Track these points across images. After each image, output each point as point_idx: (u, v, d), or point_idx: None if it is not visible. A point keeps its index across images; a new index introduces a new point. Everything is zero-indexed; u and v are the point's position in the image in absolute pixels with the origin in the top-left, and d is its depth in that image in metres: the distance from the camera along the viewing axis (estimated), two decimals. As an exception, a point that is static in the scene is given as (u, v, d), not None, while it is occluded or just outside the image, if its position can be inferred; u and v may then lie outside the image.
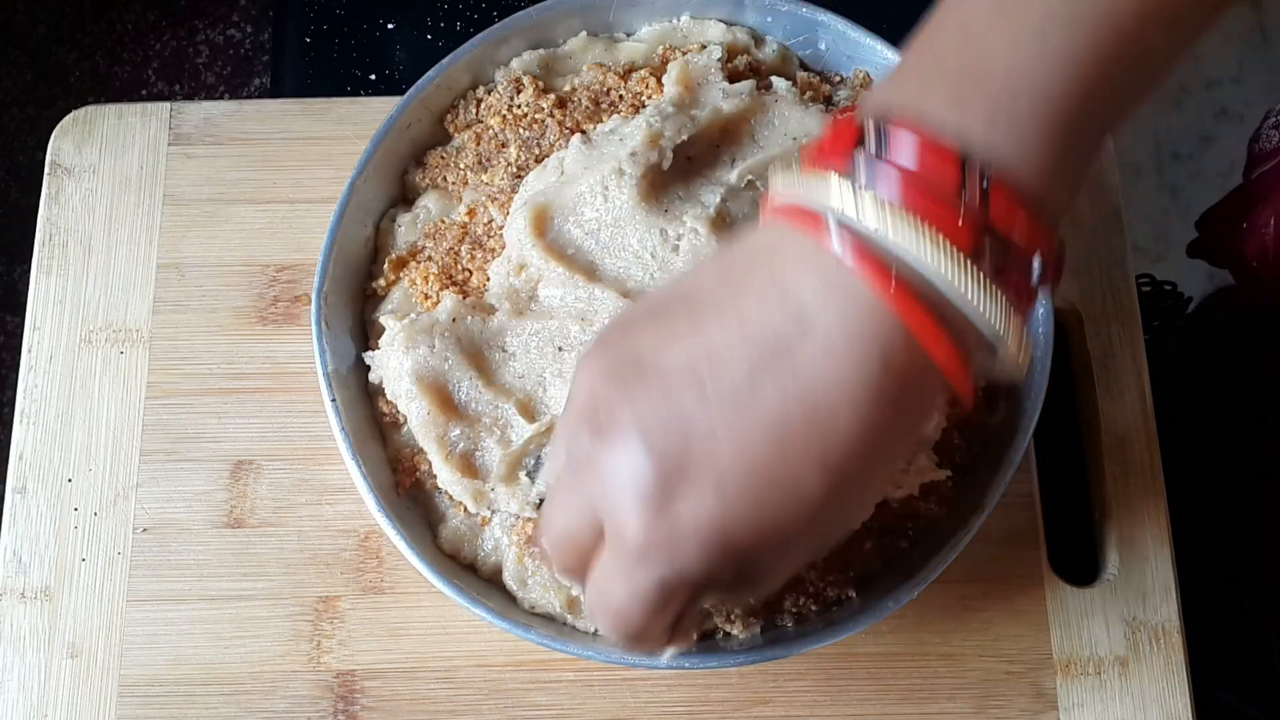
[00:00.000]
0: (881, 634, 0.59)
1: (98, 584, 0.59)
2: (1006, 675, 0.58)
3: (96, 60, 1.42)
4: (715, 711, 0.58)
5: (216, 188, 0.65)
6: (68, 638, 0.58)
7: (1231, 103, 1.51)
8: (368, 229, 0.58)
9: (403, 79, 0.82)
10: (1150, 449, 0.61)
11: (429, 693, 0.58)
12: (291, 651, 0.58)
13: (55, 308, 0.63)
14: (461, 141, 0.58)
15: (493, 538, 0.53)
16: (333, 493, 0.60)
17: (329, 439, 0.53)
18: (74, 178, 0.65)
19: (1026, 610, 0.59)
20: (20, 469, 0.61)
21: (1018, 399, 0.54)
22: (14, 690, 0.57)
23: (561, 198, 0.53)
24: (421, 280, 0.55)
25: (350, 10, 0.84)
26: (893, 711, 0.58)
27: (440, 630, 0.58)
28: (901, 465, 0.48)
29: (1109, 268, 0.64)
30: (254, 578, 0.59)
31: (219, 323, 0.63)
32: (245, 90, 1.42)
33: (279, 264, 0.64)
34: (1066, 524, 0.61)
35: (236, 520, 0.60)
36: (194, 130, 0.66)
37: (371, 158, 0.56)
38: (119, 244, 0.64)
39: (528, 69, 0.59)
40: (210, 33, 1.43)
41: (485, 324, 0.53)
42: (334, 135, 0.66)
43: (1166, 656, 0.59)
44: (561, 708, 0.58)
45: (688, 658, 0.51)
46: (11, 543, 0.59)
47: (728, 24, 0.60)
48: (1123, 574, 0.60)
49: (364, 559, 0.59)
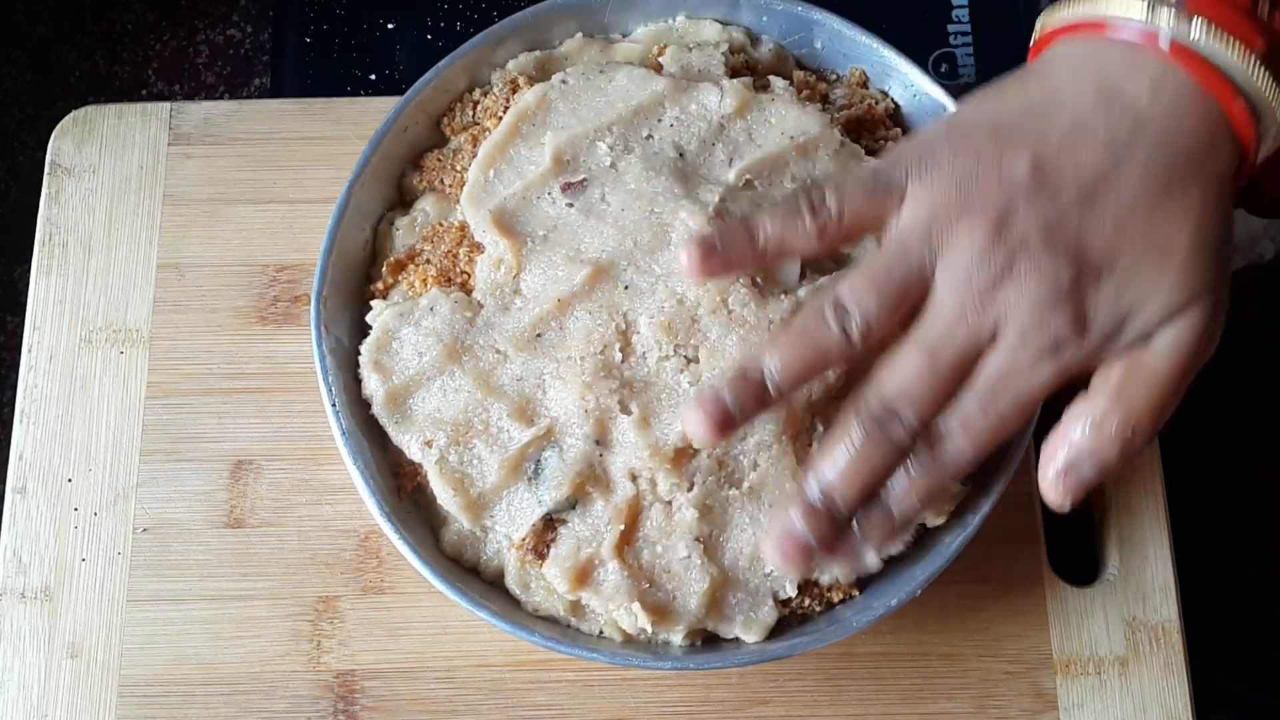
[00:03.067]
0: (881, 634, 0.59)
1: (98, 584, 0.59)
2: (1006, 675, 0.58)
3: (96, 60, 1.42)
4: (715, 711, 0.58)
5: (216, 188, 0.65)
6: (68, 638, 0.58)
7: (1232, 102, 1.51)
8: (365, 232, 0.58)
9: (402, 79, 0.82)
10: (1150, 449, 0.61)
11: (429, 693, 0.58)
12: (291, 651, 0.58)
13: (55, 308, 0.63)
14: (458, 144, 0.58)
15: (495, 541, 0.53)
16: (333, 493, 0.60)
17: (329, 439, 0.53)
18: (74, 178, 0.65)
19: (1026, 610, 0.59)
20: (20, 469, 0.61)
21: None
22: (14, 690, 0.57)
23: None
24: (420, 283, 0.55)
25: (350, 10, 0.84)
26: (893, 711, 0.58)
27: (440, 630, 0.58)
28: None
29: (1109, 267, 0.64)
30: (254, 578, 0.59)
31: (219, 323, 0.63)
32: (245, 90, 1.42)
33: (279, 264, 0.64)
34: (1066, 524, 0.61)
35: (236, 520, 0.60)
36: (194, 130, 0.66)
37: (369, 161, 0.56)
38: (119, 244, 0.64)
39: (524, 70, 0.59)
40: (210, 33, 1.43)
41: (473, 322, 0.53)
42: (334, 135, 0.66)
43: (1166, 656, 0.59)
44: (561, 708, 0.58)
45: (689, 658, 0.51)
46: (11, 543, 0.60)
47: (723, 23, 0.60)
48: (1123, 574, 0.60)
49: (364, 559, 0.59)
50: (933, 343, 0.44)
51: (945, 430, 0.44)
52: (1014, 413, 0.44)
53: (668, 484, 0.50)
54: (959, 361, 0.44)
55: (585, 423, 0.51)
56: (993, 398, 0.44)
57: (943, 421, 0.44)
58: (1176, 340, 0.44)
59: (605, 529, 0.51)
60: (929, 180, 0.44)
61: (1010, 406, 0.44)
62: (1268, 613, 0.79)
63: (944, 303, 0.44)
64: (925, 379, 0.44)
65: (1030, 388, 0.44)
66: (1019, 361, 0.43)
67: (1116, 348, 0.44)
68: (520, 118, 0.56)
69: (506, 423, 0.52)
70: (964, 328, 0.43)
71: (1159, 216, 0.43)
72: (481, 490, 0.52)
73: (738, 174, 0.55)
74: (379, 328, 0.54)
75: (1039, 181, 0.43)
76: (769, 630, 0.52)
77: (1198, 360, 0.45)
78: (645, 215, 0.53)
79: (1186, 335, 0.44)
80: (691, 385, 0.51)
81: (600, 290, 0.52)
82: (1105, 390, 0.44)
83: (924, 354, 0.44)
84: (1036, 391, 0.44)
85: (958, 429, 0.44)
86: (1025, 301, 0.43)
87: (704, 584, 0.51)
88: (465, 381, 0.53)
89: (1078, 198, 0.43)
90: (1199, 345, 0.44)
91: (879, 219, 0.45)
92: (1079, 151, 0.44)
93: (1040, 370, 0.43)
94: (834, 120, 0.57)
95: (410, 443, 0.53)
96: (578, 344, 0.52)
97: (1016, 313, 0.43)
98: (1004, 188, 0.43)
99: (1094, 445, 0.44)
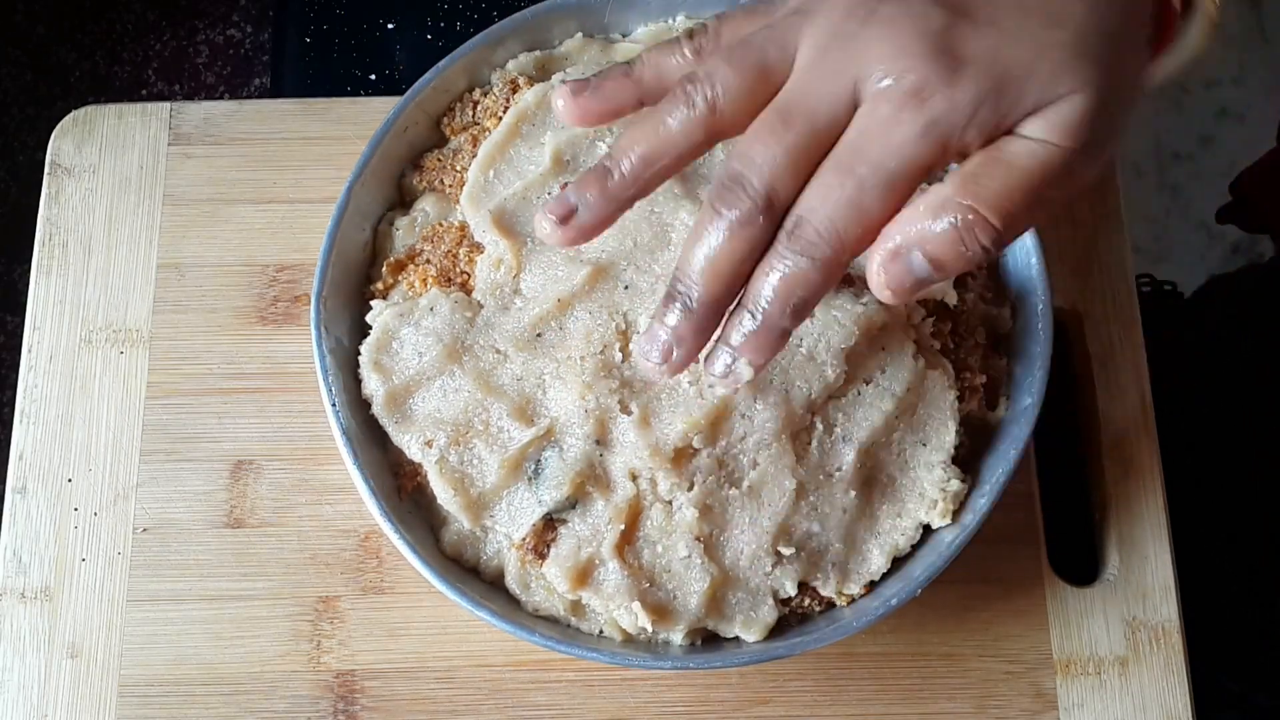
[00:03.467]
0: (881, 634, 0.59)
1: (98, 584, 0.59)
2: (1006, 675, 0.58)
3: (96, 60, 1.42)
4: (715, 711, 0.58)
5: (216, 188, 0.65)
6: (68, 638, 0.58)
7: (1231, 103, 1.51)
8: (365, 233, 0.58)
9: (402, 79, 0.82)
10: (1150, 449, 0.61)
11: (429, 693, 0.58)
12: (291, 651, 0.58)
13: (55, 308, 0.63)
14: (458, 144, 0.58)
15: (495, 541, 0.53)
16: (333, 493, 0.60)
17: (329, 439, 0.53)
18: (74, 178, 0.65)
19: (1026, 610, 0.59)
20: (20, 469, 0.61)
21: (1017, 398, 0.55)
22: (14, 690, 0.57)
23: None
24: (420, 283, 0.55)
25: (350, 10, 0.84)
26: (893, 711, 0.58)
27: (440, 630, 0.58)
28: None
29: (1109, 268, 0.64)
30: (254, 578, 0.59)
31: (219, 323, 0.63)
32: (245, 90, 1.42)
33: (279, 264, 0.64)
34: (1066, 524, 0.61)
35: (236, 520, 0.60)
36: (194, 130, 0.66)
37: (369, 162, 0.57)
38: (119, 244, 0.64)
39: (523, 70, 0.59)
40: (210, 33, 1.43)
41: (473, 322, 0.53)
42: (334, 135, 0.66)
43: (1166, 656, 0.59)
44: (561, 708, 0.58)
45: (689, 657, 0.51)
46: (11, 543, 0.60)
47: (726, 24, 0.60)
48: (1123, 574, 0.60)
49: (364, 559, 0.59)
50: (784, 103, 0.39)
51: (804, 210, 0.39)
52: (875, 179, 0.38)
53: (668, 484, 0.50)
54: (814, 123, 0.38)
55: (585, 422, 0.51)
56: (851, 160, 0.38)
57: (801, 201, 0.39)
58: (1047, 132, 0.38)
59: (605, 529, 0.51)
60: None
61: (870, 171, 0.38)
62: (1268, 613, 0.79)
63: (801, 60, 0.39)
64: (771, 141, 0.39)
65: (893, 145, 0.38)
66: (879, 112, 0.38)
67: (987, 124, 0.38)
68: (520, 118, 0.56)
69: (506, 423, 0.52)
70: (818, 82, 0.39)
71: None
72: (481, 490, 0.52)
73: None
74: (379, 328, 0.54)
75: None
76: (769, 630, 0.52)
77: (1066, 169, 0.39)
78: (645, 215, 0.53)
79: (1058, 129, 0.38)
80: (692, 385, 0.51)
81: (600, 290, 0.52)
82: (956, 176, 0.39)
83: (774, 112, 0.39)
84: (901, 150, 0.38)
85: (817, 204, 0.38)
86: (887, 42, 0.38)
87: (704, 583, 0.51)
88: (465, 381, 0.53)
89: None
90: (1070, 146, 0.39)
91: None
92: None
93: (904, 125, 0.38)
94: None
95: (410, 443, 0.53)
96: (578, 344, 0.52)
97: (877, 55, 0.38)
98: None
99: (929, 232, 0.38)
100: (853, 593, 0.53)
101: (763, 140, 0.39)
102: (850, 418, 0.52)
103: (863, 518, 0.52)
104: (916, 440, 0.53)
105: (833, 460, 0.52)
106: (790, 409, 0.51)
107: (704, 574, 0.51)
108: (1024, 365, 0.55)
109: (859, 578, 0.52)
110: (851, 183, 0.38)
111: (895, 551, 0.53)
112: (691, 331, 0.41)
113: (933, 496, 0.52)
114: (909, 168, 0.38)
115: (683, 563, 0.51)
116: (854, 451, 0.52)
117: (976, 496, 0.53)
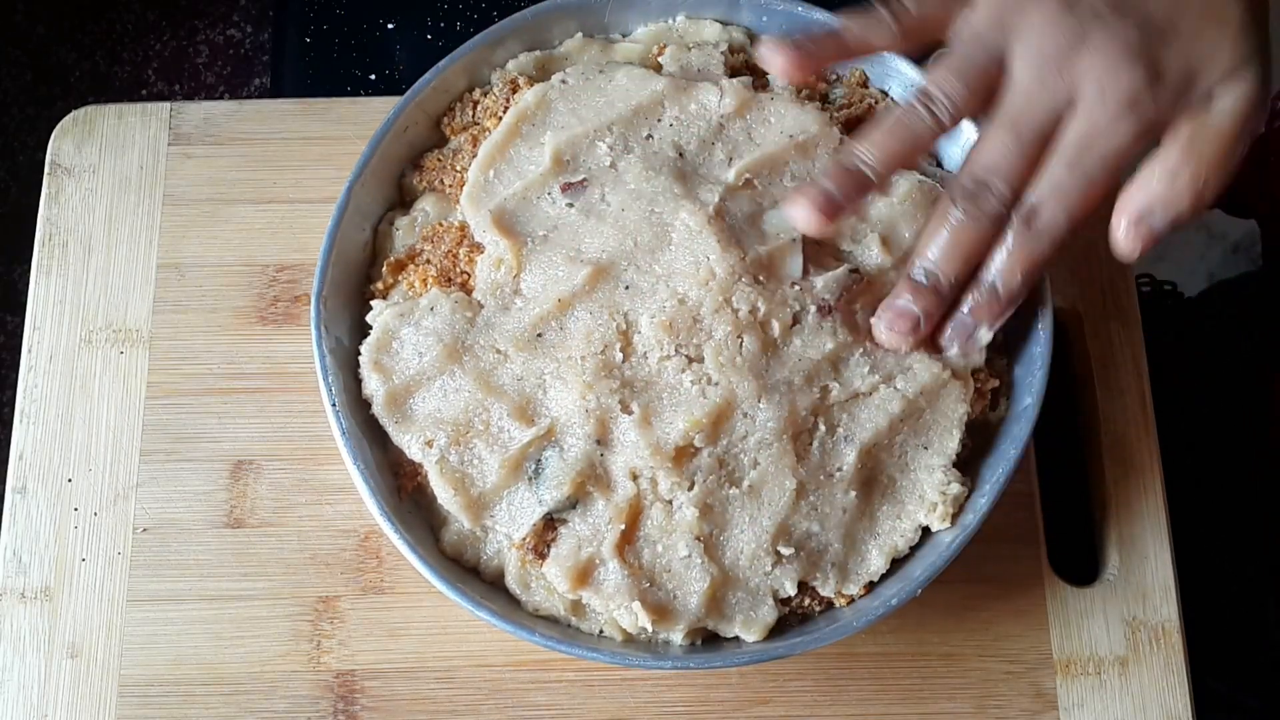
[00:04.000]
0: (881, 634, 0.59)
1: (98, 584, 0.59)
2: (1006, 675, 0.58)
3: (96, 60, 1.42)
4: (715, 711, 0.58)
5: (216, 188, 0.65)
6: (68, 638, 0.58)
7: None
8: (365, 233, 0.58)
9: (402, 79, 0.82)
10: (1150, 449, 0.61)
11: (429, 693, 0.58)
12: (291, 651, 0.58)
13: (55, 308, 0.63)
14: (458, 144, 0.58)
15: (495, 541, 0.53)
16: (333, 493, 0.60)
17: (329, 439, 0.53)
18: (74, 178, 0.65)
19: (1026, 610, 0.59)
20: (20, 469, 0.61)
21: (1017, 398, 0.54)
22: (14, 690, 0.57)
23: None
24: (420, 283, 0.55)
25: (350, 10, 0.84)
26: (893, 711, 0.58)
27: (440, 630, 0.58)
28: None
29: (1109, 268, 0.64)
30: (254, 578, 0.59)
31: (219, 323, 0.63)
32: (245, 90, 1.42)
33: (279, 264, 0.64)
34: (1066, 524, 0.61)
35: (236, 520, 0.60)
36: (194, 130, 0.66)
37: (369, 162, 0.56)
38: (119, 244, 0.64)
39: (523, 70, 0.59)
40: (210, 33, 1.43)
41: (473, 322, 0.53)
42: (334, 135, 0.66)
43: (1166, 656, 0.59)
44: (561, 708, 0.58)
45: (689, 657, 0.51)
46: (11, 543, 0.60)
47: (723, 23, 0.60)
48: (1123, 574, 0.60)
49: (364, 559, 0.59)
50: (1014, 115, 0.48)
51: (1038, 199, 0.48)
52: (1100, 172, 0.47)
53: (668, 483, 0.50)
54: (1040, 129, 0.48)
55: (586, 422, 0.51)
56: (1079, 158, 0.47)
57: (1034, 192, 0.48)
58: (1236, 98, 0.48)
59: (606, 528, 0.51)
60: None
61: (1096, 166, 0.47)
62: (1266, 614, 0.79)
63: (1021, 76, 0.48)
64: (1010, 149, 0.48)
65: (1114, 145, 0.47)
66: (1099, 119, 0.47)
67: (1185, 107, 0.48)
68: (520, 118, 0.56)
69: (507, 422, 0.52)
70: (1042, 94, 0.47)
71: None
72: (482, 490, 0.52)
73: (737, 173, 0.55)
74: (379, 328, 0.54)
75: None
76: (769, 629, 0.52)
77: (1252, 121, 0.48)
78: (645, 215, 0.53)
79: (1244, 94, 0.48)
80: (693, 384, 0.51)
81: (601, 290, 0.52)
82: (1177, 145, 0.48)
83: (1006, 127, 0.48)
84: (1121, 149, 0.47)
85: (1049, 194, 0.48)
86: (1101, 61, 0.47)
87: (704, 583, 0.51)
88: (465, 381, 0.53)
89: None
90: (1254, 104, 0.48)
91: (947, 18, 0.50)
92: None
93: (1121, 127, 0.47)
94: (833, 119, 0.57)
95: (410, 443, 0.53)
96: (578, 344, 0.52)
97: (1093, 72, 0.47)
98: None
99: (1168, 195, 0.47)
100: (852, 593, 0.53)
101: (1003, 149, 0.48)
102: (854, 418, 0.52)
103: (862, 518, 0.52)
104: (919, 444, 0.53)
105: (833, 460, 0.52)
106: (791, 409, 0.51)
107: (704, 574, 0.51)
108: (1024, 365, 0.55)
109: (858, 578, 0.52)
110: (1081, 176, 0.47)
111: (894, 553, 0.53)
112: (938, 307, 0.51)
113: (932, 499, 0.52)
114: (1124, 160, 0.48)
115: (683, 562, 0.51)
116: (855, 452, 0.52)
117: (976, 496, 0.53)
